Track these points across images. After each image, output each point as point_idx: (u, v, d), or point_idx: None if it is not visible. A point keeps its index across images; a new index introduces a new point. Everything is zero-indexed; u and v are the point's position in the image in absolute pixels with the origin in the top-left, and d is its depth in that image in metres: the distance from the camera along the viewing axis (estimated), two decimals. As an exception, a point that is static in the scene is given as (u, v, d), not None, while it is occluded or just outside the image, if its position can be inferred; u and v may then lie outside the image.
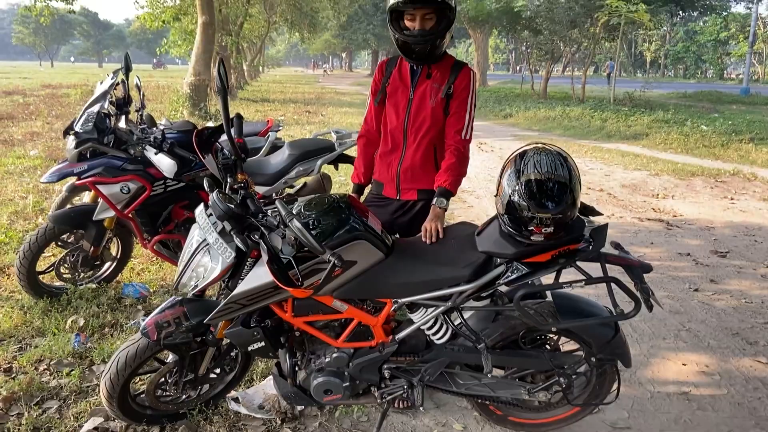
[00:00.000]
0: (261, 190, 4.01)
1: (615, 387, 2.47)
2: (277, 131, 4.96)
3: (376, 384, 2.45)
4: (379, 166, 2.89)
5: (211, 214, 2.21)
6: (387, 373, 2.42)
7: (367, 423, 2.75)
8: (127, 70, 3.91)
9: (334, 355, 2.39)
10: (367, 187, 3.02)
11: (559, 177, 2.03)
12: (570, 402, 2.46)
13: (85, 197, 4.29)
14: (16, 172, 7.57)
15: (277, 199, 2.10)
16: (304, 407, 2.75)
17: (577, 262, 2.16)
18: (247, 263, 2.16)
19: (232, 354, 2.69)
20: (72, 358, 3.15)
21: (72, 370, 3.02)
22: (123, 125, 3.77)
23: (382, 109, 2.83)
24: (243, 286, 2.14)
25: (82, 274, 3.96)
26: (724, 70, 55.81)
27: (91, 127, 3.50)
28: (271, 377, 2.71)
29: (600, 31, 20.60)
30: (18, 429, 2.58)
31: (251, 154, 4.48)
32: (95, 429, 2.60)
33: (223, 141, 3.87)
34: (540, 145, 2.15)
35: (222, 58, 2.57)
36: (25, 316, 3.60)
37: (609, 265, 2.13)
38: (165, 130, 3.72)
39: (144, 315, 3.64)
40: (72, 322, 3.51)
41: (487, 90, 28.90)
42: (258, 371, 3.09)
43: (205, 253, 2.18)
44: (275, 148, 4.66)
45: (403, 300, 2.28)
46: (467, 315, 2.33)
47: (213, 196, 2.05)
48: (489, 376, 2.37)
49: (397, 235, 2.79)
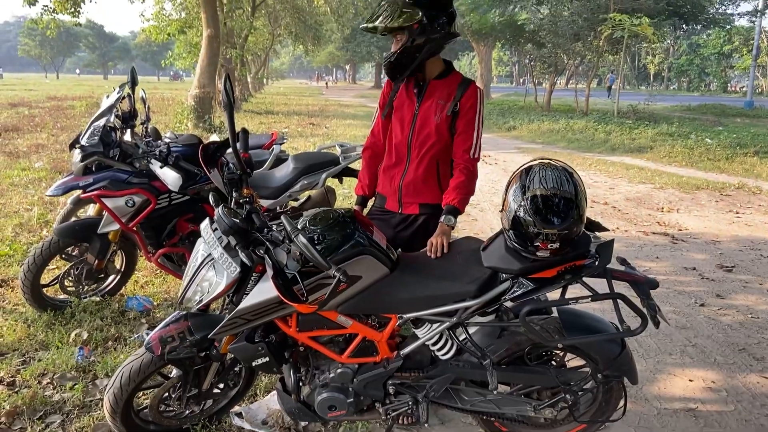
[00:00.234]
0: (265, 203, 4.02)
1: (621, 404, 2.45)
2: (281, 144, 4.97)
3: (380, 400, 2.43)
4: (382, 180, 2.91)
5: (216, 229, 2.21)
6: (392, 389, 2.40)
7: (371, 439, 2.73)
8: (132, 84, 3.95)
9: (339, 370, 2.38)
10: (371, 200, 3.03)
11: (565, 193, 2.03)
12: (576, 419, 2.43)
13: (90, 210, 4.30)
14: (21, 184, 7.60)
15: (282, 214, 2.10)
16: (307, 423, 2.73)
17: (583, 278, 2.15)
18: (252, 278, 2.17)
19: (236, 369, 2.68)
20: (75, 372, 3.15)
21: (75, 384, 3.02)
22: (128, 138, 3.79)
23: (389, 122, 2.85)
24: (248, 301, 2.14)
25: (86, 287, 3.96)
26: (727, 83, 55.87)
27: (96, 141, 3.52)
28: (274, 392, 2.70)
29: (603, 44, 20.68)
30: (20, 444, 2.57)
31: (255, 167, 4.49)
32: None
33: (229, 155, 3.88)
34: (545, 161, 2.14)
35: (228, 74, 2.58)
36: (29, 330, 3.60)
37: (615, 281, 2.13)
38: (170, 143, 3.73)
39: (148, 328, 3.64)
40: (76, 335, 3.51)
41: (491, 102, 28.98)
42: (262, 386, 3.08)
43: (210, 267, 2.18)
44: (280, 161, 4.66)
45: (408, 315, 2.27)
46: (472, 330, 2.32)
47: (218, 211, 2.06)
48: (494, 392, 2.35)
49: (399, 250, 2.79)
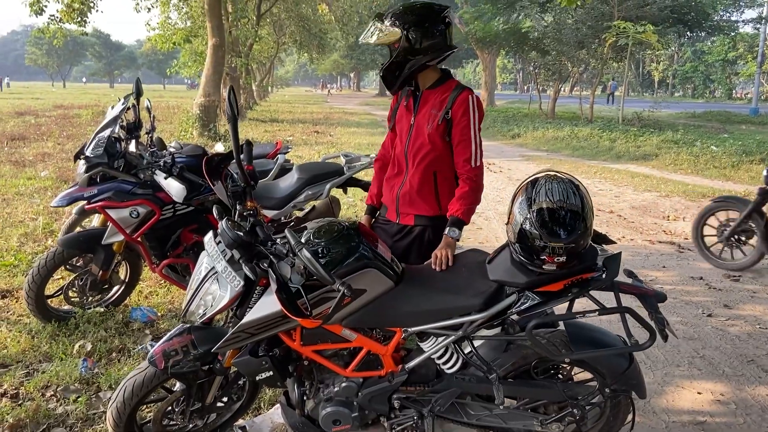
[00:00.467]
0: (270, 213, 4.01)
1: (629, 418, 2.42)
2: (285, 153, 4.96)
3: (385, 414, 2.40)
4: (384, 190, 2.94)
5: (220, 242, 2.20)
6: (396, 403, 2.38)
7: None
8: (138, 94, 3.96)
9: (343, 384, 2.35)
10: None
11: (572, 206, 2.01)
12: (583, 434, 2.40)
13: (95, 221, 4.30)
14: (27, 193, 7.63)
15: (286, 228, 2.09)
16: (311, 437, 2.71)
17: (590, 292, 2.13)
18: (256, 291, 2.15)
19: (240, 383, 2.66)
20: (79, 384, 3.14)
21: (79, 397, 3.00)
22: (133, 149, 3.79)
23: (395, 134, 2.89)
24: (251, 315, 2.13)
25: (91, 298, 3.95)
26: (732, 89, 55.70)
27: (101, 152, 3.53)
28: (278, 406, 2.68)
29: (608, 51, 20.67)
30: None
31: (259, 177, 4.48)
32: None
33: (233, 167, 3.87)
34: (551, 173, 2.13)
35: (232, 86, 2.58)
36: (33, 341, 3.59)
37: (623, 294, 2.10)
38: (174, 154, 3.73)
39: (152, 339, 3.63)
40: (79, 347, 3.49)
41: (495, 110, 28.97)
42: (265, 399, 3.06)
43: (214, 281, 2.17)
44: (284, 170, 4.65)
45: (413, 329, 2.25)
46: (478, 344, 2.30)
47: (222, 224, 2.05)
48: (501, 406, 2.33)
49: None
